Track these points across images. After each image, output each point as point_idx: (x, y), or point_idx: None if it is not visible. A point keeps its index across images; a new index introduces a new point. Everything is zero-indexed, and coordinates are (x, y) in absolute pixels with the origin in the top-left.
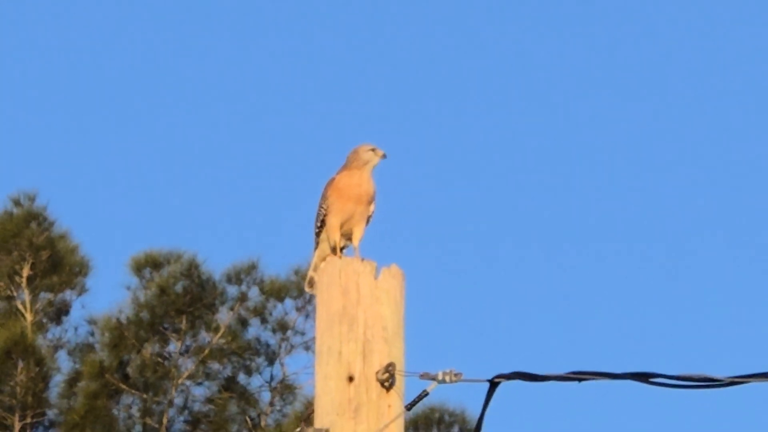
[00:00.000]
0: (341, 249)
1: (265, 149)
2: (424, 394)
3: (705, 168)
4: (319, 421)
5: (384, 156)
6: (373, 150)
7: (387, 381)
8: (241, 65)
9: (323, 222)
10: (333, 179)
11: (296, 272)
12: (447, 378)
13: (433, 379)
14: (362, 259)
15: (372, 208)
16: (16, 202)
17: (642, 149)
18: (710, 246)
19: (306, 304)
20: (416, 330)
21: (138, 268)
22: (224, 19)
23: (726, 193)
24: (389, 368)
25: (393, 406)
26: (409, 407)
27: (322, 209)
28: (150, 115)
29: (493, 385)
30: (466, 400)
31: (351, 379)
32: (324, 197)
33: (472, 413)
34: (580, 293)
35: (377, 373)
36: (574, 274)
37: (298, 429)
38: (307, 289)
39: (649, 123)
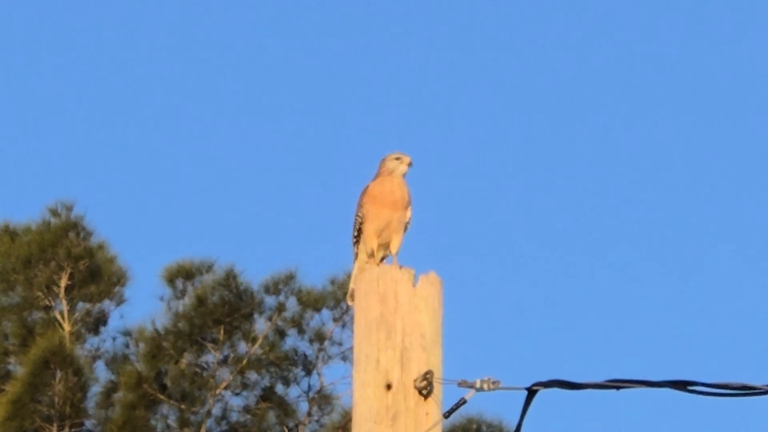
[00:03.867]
0: (381, 259)
1: (301, 159)
2: (462, 402)
3: (744, 171)
4: (357, 428)
5: (410, 164)
6: (398, 158)
7: (425, 389)
8: (275, 78)
9: (360, 231)
10: (366, 187)
11: (332, 282)
12: (485, 386)
13: (471, 386)
14: (400, 267)
15: (409, 213)
16: (54, 212)
17: (689, 154)
18: (748, 253)
19: (343, 314)
20: (454, 337)
21: (171, 278)
22: (260, 36)
23: (764, 197)
24: (427, 376)
25: (431, 414)
26: (447, 415)
27: (358, 218)
28: (187, 125)
29: (531, 392)
30: (503, 411)
31: (389, 386)
32: (359, 205)
33: (510, 424)
34: (619, 301)
35: (415, 380)
36: (612, 281)
37: None
38: (348, 301)
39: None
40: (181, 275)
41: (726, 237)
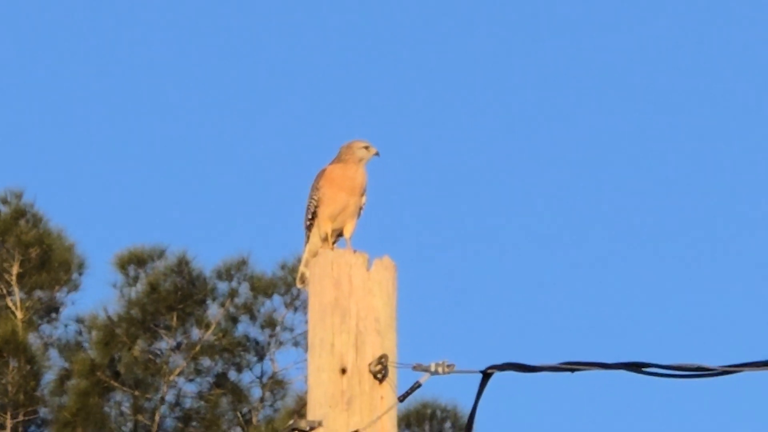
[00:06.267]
0: (334, 243)
1: (250, 144)
2: (417, 386)
3: (694, 164)
4: (312, 413)
5: (377, 154)
6: (366, 148)
7: (380, 373)
8: (228, 61)
9: (314, 214)
10: (325, 170)
11: (283, 267)
12: (440, 369)
13: (426, 370)
14: (354, 251)
15: (364, 199)
16: (3, 201)
17: (630, 147)
18: (702, 236)
19: (294, 299)
20: (409, 321)
21: (123, 265)
22: (211, 16)
23: (720, 186)
24: (382, 360)
25: (386, 398)
26: (401, 398)
27: (313, 200)
28: (137, 110)
29: (486, 376)
30: (458, 396)
31: (344, 371)
32: (315, 188)
33: (465, 409)
34: (573, 284)
35: (370, 364)
36: (566, 264)
37: (291, 422)
38: (298, 285)
39: (648, 126)
40: (133, 262)
41: (680, 220)
